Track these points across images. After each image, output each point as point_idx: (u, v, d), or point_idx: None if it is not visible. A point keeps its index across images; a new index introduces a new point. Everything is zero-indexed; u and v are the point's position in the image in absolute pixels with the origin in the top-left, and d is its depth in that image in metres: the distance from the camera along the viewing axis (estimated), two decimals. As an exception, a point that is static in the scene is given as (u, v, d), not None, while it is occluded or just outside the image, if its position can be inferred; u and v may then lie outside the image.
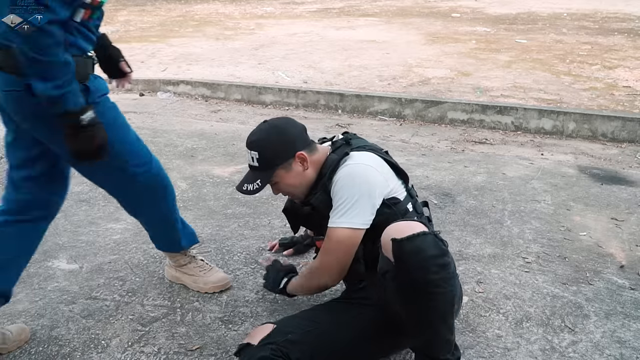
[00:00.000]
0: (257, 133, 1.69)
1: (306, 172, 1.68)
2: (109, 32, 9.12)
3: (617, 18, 10.32)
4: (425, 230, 1.34)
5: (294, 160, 1.66)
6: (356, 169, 1.58)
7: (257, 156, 1.66)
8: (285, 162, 1.66)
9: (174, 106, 4.75)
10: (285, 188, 1.71)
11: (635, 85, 5.13)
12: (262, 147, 1.65)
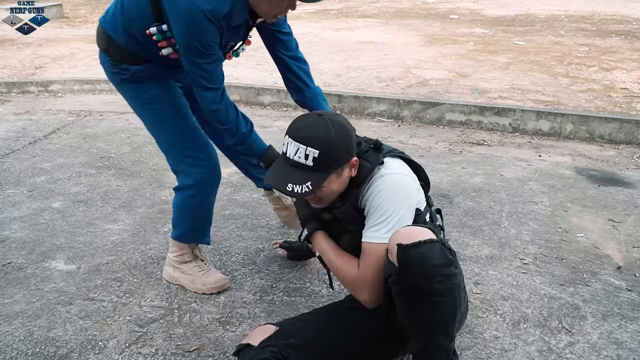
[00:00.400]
0: (317, 128, 1.44)
1: (347, 180, 1.52)
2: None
3: (615, 20, 10.35)
4: (433, 237, 1.28)
5: (348, 165, 1.49)
6: (396, 180, 1.47)
7: (316, 155, 1.42)
8: (341, 167, 1.48)
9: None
10: (326, 194, 1.51)
11: (632, 87, 5.14)
12: (326, 147, 1.42)
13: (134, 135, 3.95)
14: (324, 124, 1.44)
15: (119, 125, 4.21)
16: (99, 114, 4.53)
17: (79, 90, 5.23)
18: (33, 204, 2.84)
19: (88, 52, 7.00)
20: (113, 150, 3.66)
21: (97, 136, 3.94)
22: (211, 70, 1.72)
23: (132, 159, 3.49)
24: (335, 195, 1.53)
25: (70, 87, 5.24)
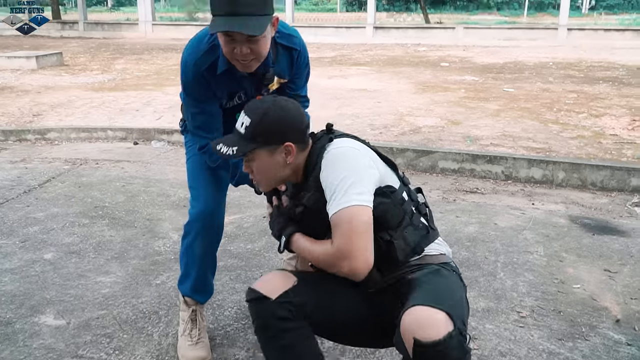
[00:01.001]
0: (262, 102, 1.55)
1: (285, 167, 1.56)
2: (105, 81, 9.25)
3: (602, 67, 10.61)
4: (451, 329, 1.26)
5: (281, 149, 1.53)
6: (341, 151, 1.49)
7: (247, 123, 1.52)
8: (272, 145, 1.52)
9: (168, 155, 4.77)
10: (257, 171, 1.57)
11: (621, 133, 5.22)
12: (259, 119, 1.51)
13: (128, 184, 3.96)
14: (269, 102, 1.54)
15: (114, 173, 4.22)
16: (94, 162, 4.54)
17: (76, 138, 5.27)
18: (25, 255, 2.81)
19: (86, 100, 7.08)
20: (107, 199, 3.66)
21: (92, 185, 3.94)
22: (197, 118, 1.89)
23: (126, 208, 3.48)
24: (269, 177, 1.58)
25: (67, 135, 5.27)
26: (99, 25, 22.50)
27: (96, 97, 7.28)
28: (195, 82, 1.80)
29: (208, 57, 1.75)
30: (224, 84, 1.82)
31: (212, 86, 1.81)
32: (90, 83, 8.80)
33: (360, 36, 18.10)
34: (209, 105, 1.86)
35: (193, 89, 1.82)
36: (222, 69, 1.76)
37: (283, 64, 1.87)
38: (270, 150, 1.52)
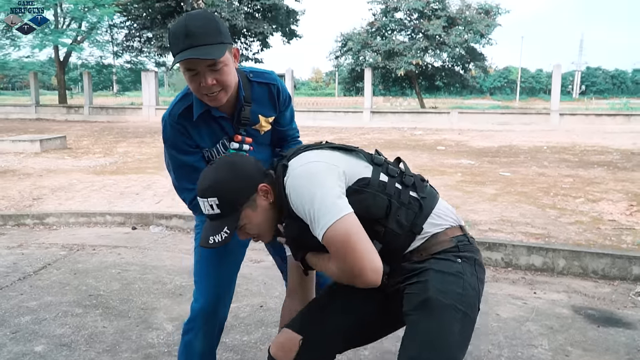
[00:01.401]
0: (207, 178, 1.53)
1: (272, 209, 1.56)
2: (107, 164, 9.37)
3: (595, 151, 10.83)
4: None
5: (258, 195, 1.54)
6: (297, 173, 1.48)
7: (216, 202, 1.50)
8: (249, 199, 1.53)
9: (166, 240, 4.76)
10: (253, 229, 1.57)
11: (619, 218, 5.24)
12: (220, 190, 1.50)
13: (124, 271, 3.91)
14: (210, 171, 1.55)
15: (110, 260, 4.19)
16: (91, 247, 4.52)
17: (74, 223, 5.27)
18: (15, 348, 2.73)
19: (87, 183, 7.16)
20: (102, 287, 3.60)
21: (87, 272, 3.89)
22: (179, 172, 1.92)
23: (121, 297, 3.42)
24: (268, 225, 1.57)
25: (65, 220, 5.28)
26: (103, 109, 23.20)
27: (97, 181, 7.37)
28: (174, 132, 1.84)
29: (182, 104, 1.82)
30: (204, 130, 1.85)
31: (192, 135, 1.84)
32: (92, 166, 8.93)
33: (357, 120, 18.62)
34: (191, 156, 1.87)
35: (173, 140, 1.86)
36: (198, 112, 1.80)
37: (262, 100, 1.88)
38: (251, 205, 1.53)
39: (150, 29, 21.38)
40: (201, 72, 1.64)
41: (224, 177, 1.52)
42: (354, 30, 25.60)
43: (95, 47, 26.70)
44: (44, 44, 24.22)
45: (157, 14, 20.49)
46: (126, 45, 24.73)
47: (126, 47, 24.81)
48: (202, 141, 1.86)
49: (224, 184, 1.50)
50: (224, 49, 1.63)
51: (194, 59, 1.60)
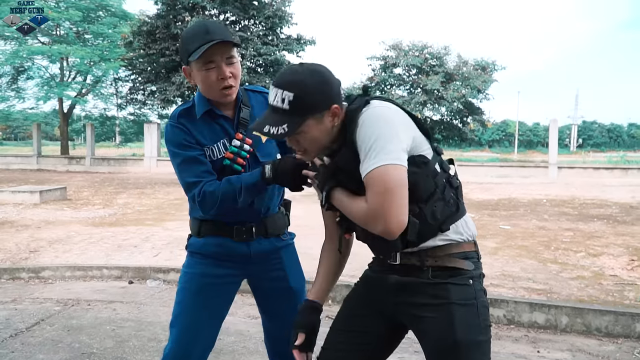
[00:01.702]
0: (294, 73, 1.53)
1: (331, 131, 1.57)
2: (106, 216, 9.34)
3: (595, 204, 10.84)
4: None
5: (328, 113, 1.54)
6: (378, 111, 1.50)
7: (291, 98, 1.50)
8: (319, 112, 1.53)
9: (163, 295, 4.69)
10: (306, 142, 1.56)
11: (621, 273, 5.18)
12: (301, 90, 1.49)
13: (119, 327, 3.84)
14: (302, 70, 1.53)
15: (105, 315, 4.11)
16: (86, 302, 4.45)
17: (70, 276, 5.21)
18: (1, 410, 2.64)
19: (85, 235, 7.12)
20: (96, 344, 3.52)
21: (81, 328, 3.82)
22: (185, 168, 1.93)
23: (114, 355, 3.34)
24: (319, 144, 1.57)
25: (61, 274, 5.22)
26: (105, 160, 23.39)
27: (95, 233, 7.33)
28: (173, 130, 1.94)
29: (181, 107, 1.97)
30: (205, 130, 1.94)
31: (193, 133, 1.92)
32: (91, 218, 8.91)
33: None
34: (192, 151, 1.92)
35: (173, 137, 1.94)
36: (201, 112, 1.92)
37: (259, 106, 2.01)
38: (318, 118, 1.53)
39: (154, 82, 21.80)
40: (218, 64, 1.82)
41: (312, 80, 1.52)
42: (353, 85, 26.11)
43: (99, 100, 27.27)
44: (49, 97, 24.73)
45: (161, 68, 20.94)
46: (130, 98, 25.18)
47: (130, 99, 25.25)
48: (203, 138, 1.93)
49: (308, 86, 1.51)
50: (239, 44, 1.86)
51: (217, 45, 1.78)
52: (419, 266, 1.61)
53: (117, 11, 25.72)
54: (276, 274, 2.07)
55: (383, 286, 1.67)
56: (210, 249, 2.00)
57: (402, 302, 1.63)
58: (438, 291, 1.57)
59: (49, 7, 23.74)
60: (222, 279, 2.02)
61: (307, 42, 21.38)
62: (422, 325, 1.61)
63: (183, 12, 19.33)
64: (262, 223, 2.04)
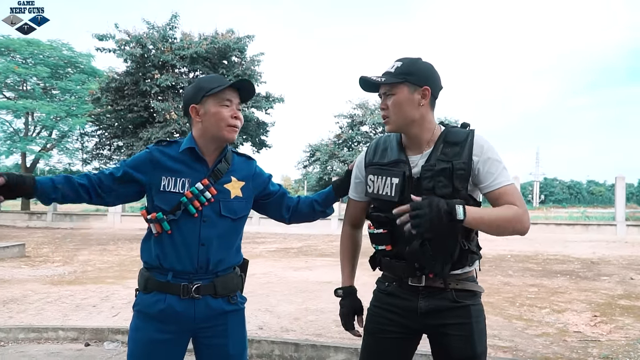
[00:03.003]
0: (413, 58, 1.93)
1: (417, 110, 1.87)
2: (66, 273, 9.04)
3: (557, 260, 11.05)
4: None
5: (422, 91, 1.87)
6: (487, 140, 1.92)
7: (399, 65, 1.89)
8: (415, 84, 1.86)
9: (121, 357, 4.49)
10: (394, 106, 1.87)
11: (585, 330, 5.24)
12: (410, 62, 1.89)
13: (73, 393, 3.64)
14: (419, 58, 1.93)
15: (58, 380, 3.90)
16: (39, 366, 4.22)
17: (24, 339, 4.96)
18: None
19: (42, 294, 6.84)
20: (47, 412, 3.32)
21: (31, 395, 3.61)
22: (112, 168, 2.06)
23: None
24: (403, 115, 1.87)
25: (14, 336, 4.96)
26: (67, 215, 22.81)
27: (53, 292, 7.05)
28: (144, 154, 2.05)
29: (170, 140, 2.12)
30: (176, 161, 2.04)
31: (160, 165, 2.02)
32: (50, 276, 8.60)
33: (326, 227, 18.71)
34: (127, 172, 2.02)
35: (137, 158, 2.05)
36: (185, 146, 2.04)
37: (241, 168, 2.16)
38: (411, 89, 1.86)
39: (121, 137, 21.72)
40: (234, 105, 2.03)
41: (420, 62, 1.91)
42: (321, 142, 26.57)
43: (64, 154, 26.85)
44: (11, 151, 24.24)
45: (129, 123, 20.93)
46: (96, 153, 24.93)
47: (96, 154, 25.00)
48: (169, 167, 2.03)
49: (418, 62, 1.91)
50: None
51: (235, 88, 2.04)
52: (442, 288, 1.90)
53: (86, 68, 25.82)
54: (217, 341, 2.04)
55: (413, 309, 1.93)
56: (156, 307, 1.97)
57: (429, 324, 1.92)
58: (462, 312, 1.90)
59: (16, 63, 23.70)
60: (167, 344, 1.99)
61: (275, 99, 21.81)
62: (445, 340, 1.90)
63: (152, 70, 19.57)
64: (211, 283, 2.01)
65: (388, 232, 1.92)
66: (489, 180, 1.83)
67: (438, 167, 1.82)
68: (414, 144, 1.92)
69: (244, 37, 20.60)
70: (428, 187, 1.82)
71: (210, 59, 19.99)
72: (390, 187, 1.89)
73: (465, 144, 1.84)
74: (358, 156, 2.16)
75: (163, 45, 19.65)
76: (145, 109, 19.99)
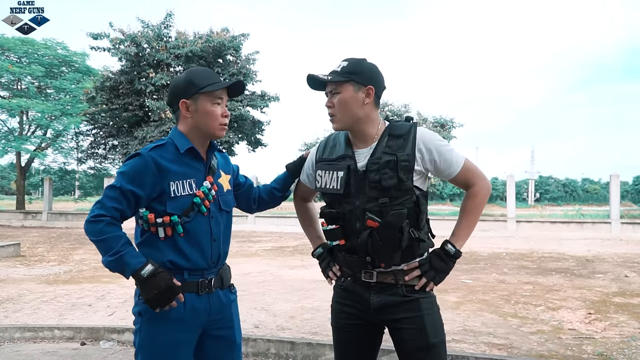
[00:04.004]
0: (359, 58, 2.00)
1: (361, 108, 1.96)
2: (61, 273, 9.01)
3: (552, 258, 11.09)
4: None
5: (366, 90, 1.96)
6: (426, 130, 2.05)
7: (345, 65, 1.97)
8: (360, 83, 1.95)
9: (116, 357, 4.49)
10: (340, 104, 1.96)
11: (579, 327, 5.26)
12: (355, 63, 1.97)
13: (69, 392, 3.64)
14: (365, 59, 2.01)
15: (54, 380, 3.90)
16: (34, 366, 4.22)
17: (20, 338, 4.95)
18: None
19: (37, 294, 6.83)
20: (43, 411, 3.32)
21: (27, 394, 3.61)
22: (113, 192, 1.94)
23: (62, 423, 3.15)
24: (348, 113, 1.96)
25: (10, 335, 4.96)
26: (62, 215, 22.73)
27: (48, 291, 7.04)
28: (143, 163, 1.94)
29: (154, 144, 2.02)
30: (181, 165, 2.00)
31: (166, 170, 1.95)
32: (45, 275, 8.58)
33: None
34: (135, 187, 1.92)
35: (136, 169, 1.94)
36: (185, 147, 2.01)
37: (224, 162, 2.22)
38: (356, 88, 1.94)
39: (116, 136, 21.65)
40: (224, 102, 2.06)
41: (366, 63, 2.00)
42: (317, 140, 26.55)
43: (59, 154, 26.73)
44: (6, 150, 24.11)
45: (124, 122, 20.87)
46: (91, 152, 24.83)
47: (91, 153, 24.91)
48: (172, 175, 1.97)
49: (363, 63, 1.99)
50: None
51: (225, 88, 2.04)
52: (393, 284, 1.98)
53: (80, 67, 25.69)
54: (224, 332, 2.10)
55: (366, 305, 2.01)
56: (175, 311, 1.94)
57: (383, 319, 2.02)
58: (412, 306, 1.97)
59: (10, 62, 23.58)
60: (189, 342, 2.00)
61: (271, 98, 21.79)
62: (399, 333, 1.98)
63: (147, 69, 19.52)
64: (218, 274, 2.08)
65: (340, 227, 2.00)
66: (447, 169, 1.99)
67: (383, 160, 1.92)
68: (360, 139, 2.03)
69: (239, 36, 20.57)
70: (375, 180, 1.93)
71: (206, 57, 19.95)
72: (337, 180, 2.00)
73: (408, 136, 1.95)
74: (312, 149, 2.26)
75: (158, 44, 19.60)
76: (140, 108, 19.95)
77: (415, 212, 1.94)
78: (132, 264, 1.84)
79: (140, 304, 1.99)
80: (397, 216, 1.87)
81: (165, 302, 1.86)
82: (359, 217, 1.94)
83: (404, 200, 1.92)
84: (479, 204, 2.04)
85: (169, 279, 1.86)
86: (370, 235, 1.89)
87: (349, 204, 1.98)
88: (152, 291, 1.83)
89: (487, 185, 2.04)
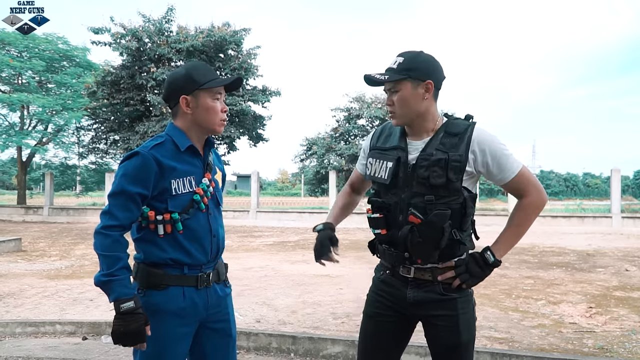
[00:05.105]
0: (415, 51, 1.96)
1: (421, 103, 1.92)
2: (63, 268, 9.02)
3: (554, 252, 11.09)
4: None
5: (425, 85, 1.90)
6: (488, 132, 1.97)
7: (401, 61, 1.92)
8: (418, 79, 1.89)
9: (118, 351, 4.50)
10: (399, 101, 1.92)
11: (580, 321, 5.27)
12: (411, 57, 1.92)
13: (70, 387, 3.65)
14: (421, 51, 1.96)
15: (56, 374, 3.91)
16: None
17: (21, 333, 4.96)
18: None
19: (39, 289, 6.85)
20: (44, 406, 3.33)
21: (29, 389, 3.62)
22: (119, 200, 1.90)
23: (64, 417, 3.17)
24: (408, 110, 1.92)
25: (11, 330, 4.97)
26: (64, 210, 22.75)
27: (50, 286, 7.06)
28: (144, 162, 1.91)
29: (153, 142, 1.98)
30: (180, 163, 1.98)
31: (168, 168, 1.93)
32: (47, 270, 8.59)
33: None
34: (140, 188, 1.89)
35: (138, 168, 1.90)
36: (186, 145, 2.00)
37: (215, 158, 2.21)
38: (414, 84, 1.90)
39: (117, 131, 21.65)
40: (222, 98, 2.06)
41: (423, 55, 1.94)
42: (318, 135, 26.51)
43: (60, 148, 26.71)
44: (7, 145, 24.10)
45: (125, 117, 20.87)
46: (92, 147, 24.83)
47: (92, 148, 24.90)
48: (173, 173, 1.96)
49: (420, 56, 1.93)
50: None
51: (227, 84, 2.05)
52: (430, 280, 1.96)
53: (81, 61, 25.64)
54: (221, 325, 2.10)
55: (402, 299, 2.01)
56: (175, 302, 1.96)
57: (418, 314, 2.01)
58: (448, 305, 1.95)
59: (11, 57, 23.54)
60: (187, 336, 2.01)
61: (272, 93, 21.76)
62: (433, 330, 1.99)
63: (148, 63, 19.50)
64: (215, 269, 2.10)
65: (383, 217, 1.99)
66: (499, 174, 1.93)
67: (435, 157, 1.89)
68: (416, 132, 2.00)
69: (240, 30, 20.52)
70: (423, 176, 1.90)
71: (207, 52, 19.92)
72: (385, 170, 1.99)
73: (464, 135, 1.90)
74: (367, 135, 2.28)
75: (159, 39, 19.58)
76: (142, 103, 19.93)
77: (461, 213, 1.91)
78: (117, 293, 1.82)
79: (140, 298, 1.99)
80: (440, 216, 1.85)
81: (128, 342, 1.83)
82: (403, 210, 1.93)
83: (450, 200, 1.87)
84: (529, 215, 1.97)
85: (141, 325, 1.83)
86: (411, 230, 1.89)
87: (395, 195, 1.96)
88: (119, 327, 1.81)
89: (542, 197, 1.95)
